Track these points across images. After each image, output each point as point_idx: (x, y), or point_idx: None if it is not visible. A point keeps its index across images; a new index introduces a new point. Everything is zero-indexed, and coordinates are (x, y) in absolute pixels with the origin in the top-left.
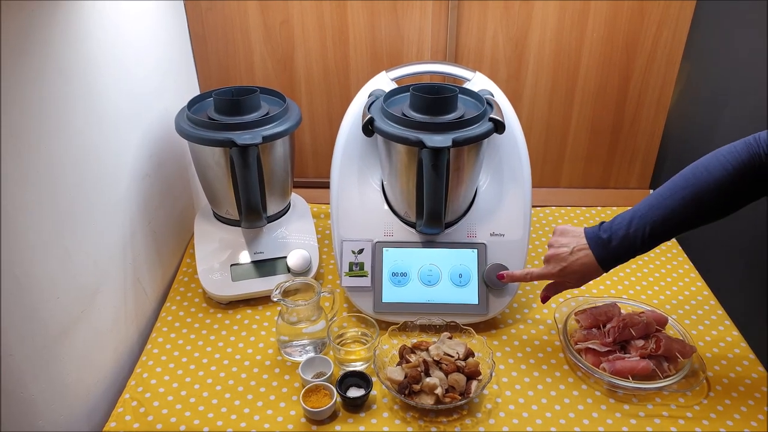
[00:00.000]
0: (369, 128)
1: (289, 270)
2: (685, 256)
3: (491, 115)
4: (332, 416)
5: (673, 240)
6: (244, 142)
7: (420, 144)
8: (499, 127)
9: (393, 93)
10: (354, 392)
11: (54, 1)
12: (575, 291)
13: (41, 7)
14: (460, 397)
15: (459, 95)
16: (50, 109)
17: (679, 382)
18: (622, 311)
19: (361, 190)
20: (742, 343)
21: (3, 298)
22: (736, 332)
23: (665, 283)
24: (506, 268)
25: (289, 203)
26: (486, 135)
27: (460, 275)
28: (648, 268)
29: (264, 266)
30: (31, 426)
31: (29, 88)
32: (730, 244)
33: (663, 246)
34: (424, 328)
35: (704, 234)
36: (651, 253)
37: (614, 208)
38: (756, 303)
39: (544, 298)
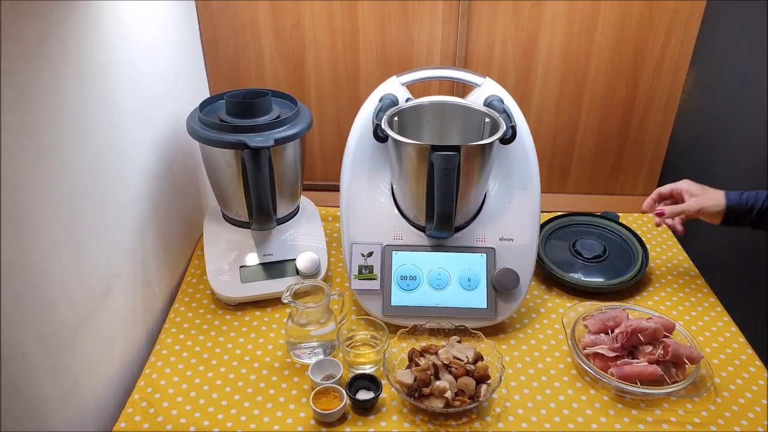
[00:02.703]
0: (379, 135)
1: (297, 272)
2: (691, 262)
3: (510, 124)
4: (342, 418)
5: (679, 246)
6: (256, 144)
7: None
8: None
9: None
10: (364, 395)
11: (71, 2)
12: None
13: (58, 7)
14: (469, 401)
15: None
16: (66, 110)
17: (686, 388)
18: (629, 317)
19: (371, 194)
20: (749, 349)
21: (18, 297)
22: (742, 339)
23: (671, 290)
24: (516, 273)
25: (299, 206)
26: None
27: (469, 279)
28: (654, 274)
29: (273, 268)
30: (43, 425)
31: (46, 88)
32: (736, 250)
33: (669, 252)
34: (433, 332)
35: (710, 240)
36: (657, 259)
37: (620, 214)
38: (762, 310)
39: (660, 214)
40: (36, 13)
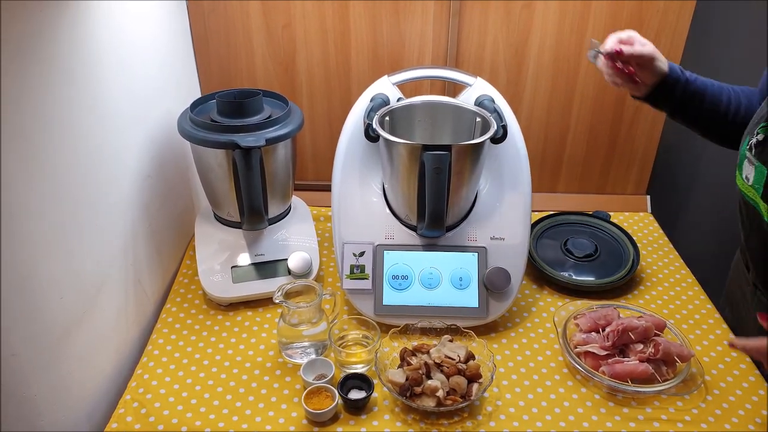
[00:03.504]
0: (370, 134)
1: (289, 272)
2: (682, 261)
3: (502, 124)
4: (334, 418)
5: (670, 245)
6: (247, 144)
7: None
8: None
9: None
10: (355, 394)
11: (61, 2)
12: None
13: (49, 7)
14: (461, 400)
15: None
16: (56, 111)
17: (677, 386)
18: (620, 315)
19: (363, 193)
20: None
21: (9, 298)
22: (732, 336)
23: (662, 288)
24: (507, 272)
25: (290, 206)
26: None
27: (461, 279)
28: (645, 273)
29: (264, 268)
30: (33, 426)
31: (37, 89)
32: (726, 250)
33: (660, 251)
34: (425, 331)
35: (700, 240)
36: (648, 258)
37: (611, 213)
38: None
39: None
40: (27, 13)
